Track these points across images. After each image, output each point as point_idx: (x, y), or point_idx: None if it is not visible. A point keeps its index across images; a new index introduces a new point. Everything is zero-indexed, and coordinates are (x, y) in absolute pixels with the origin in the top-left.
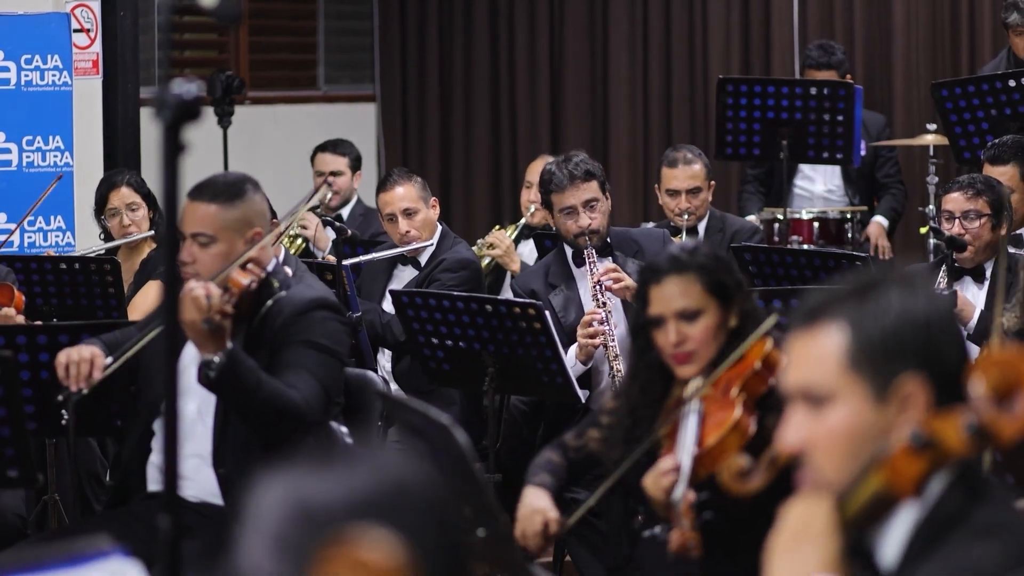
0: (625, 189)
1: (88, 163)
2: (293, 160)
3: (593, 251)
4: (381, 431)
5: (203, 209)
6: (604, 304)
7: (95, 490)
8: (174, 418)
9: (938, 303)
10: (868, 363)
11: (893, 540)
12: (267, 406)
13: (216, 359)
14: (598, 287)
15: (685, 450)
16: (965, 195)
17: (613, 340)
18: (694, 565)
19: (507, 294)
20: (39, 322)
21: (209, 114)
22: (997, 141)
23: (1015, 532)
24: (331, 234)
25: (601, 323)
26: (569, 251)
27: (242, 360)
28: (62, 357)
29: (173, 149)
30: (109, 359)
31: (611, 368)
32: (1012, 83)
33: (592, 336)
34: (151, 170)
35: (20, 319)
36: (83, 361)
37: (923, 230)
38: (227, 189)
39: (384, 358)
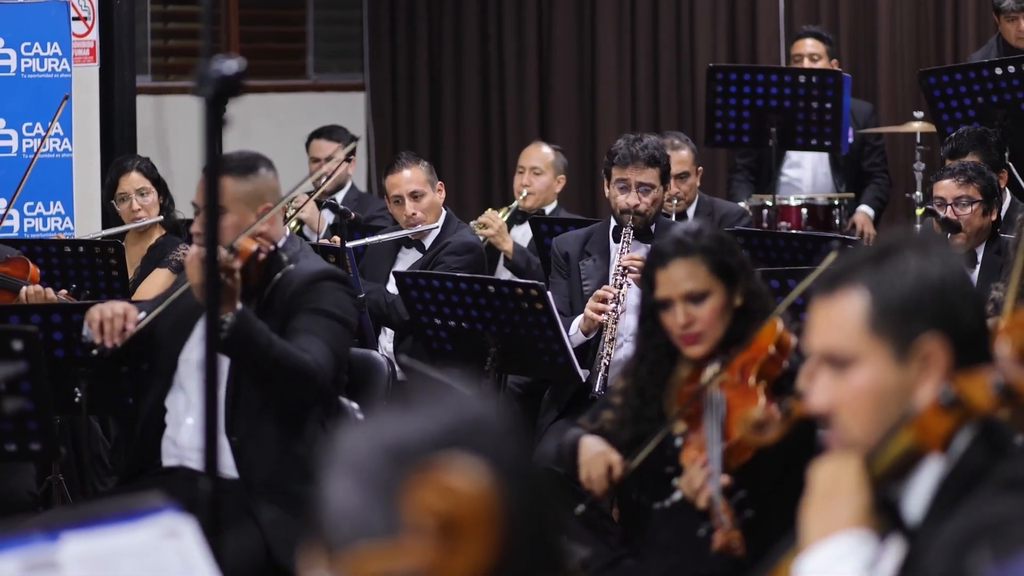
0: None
1: (86, 149)
2: (283, 149)
3: (631, 232)
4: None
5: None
6: (621, 287)
7: (97, 470)
8: (214, 386)
9: (953, 265)
10: (888, 325)
11: (918, 494)
12: (278, 366)
13: (227, 319)
14: (621, 269)
15: (714, 445)
16: (956, 182)
17: (615, 323)
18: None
19: (501, 274)
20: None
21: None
22: (954, 134)
23: None
24: (328, 217)
25: (611, 302)
26: (612, 225)
27: (252, 320)
28: (95, 313)
29: (215, 123)
30: (142, 314)
31: (604, 350)
32: (999, 71)
33: (598, 312)
34: (151, 156)
35: (50, 293)
36: (116, 316)
37: (919, 212)
38: (241, 164)
39: (386, 338)
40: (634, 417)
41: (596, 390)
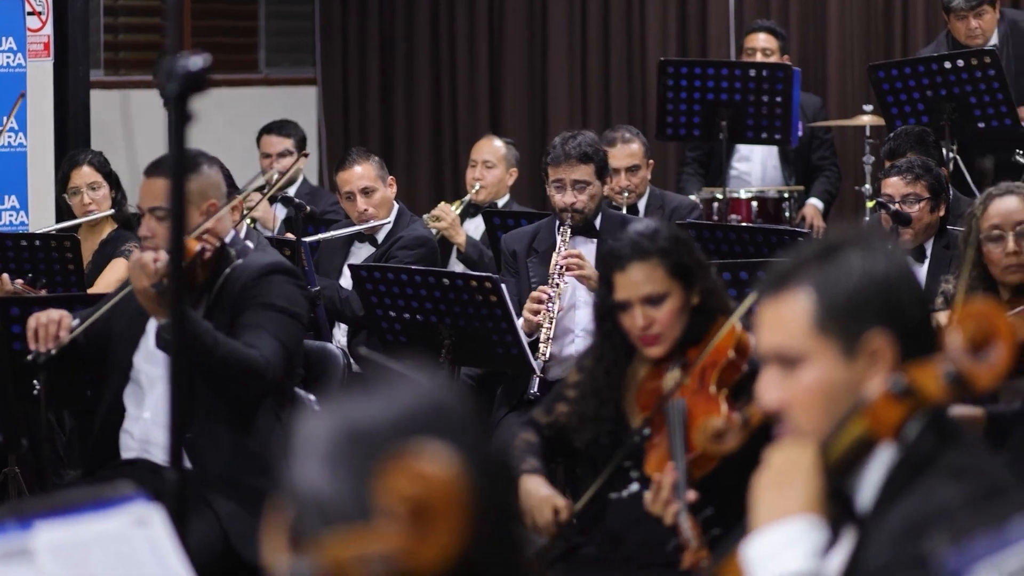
0: None
1: (41, 144)
2: (235, 142)
3: (568, 230)
4: None
5: (158, 184)
6: (557, 285)
7: (53, 463)
8: (182, 380)
9: (897, 261)
10: (835, 323)
11: (870, 483)
12: (226, 365)
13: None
14: (559, 268)
15: (678, 457)
16: (904, 179)
17: (550, 324)
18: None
19: (454, 266)
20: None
21: (157, 96)
22: (892, 135)
23: (981, 475)
24: (281, 213)
25: (546, 302)
26: (558, 222)
27: (197, 321)
28: (31, 321)
29: (181, 119)
30: (76, 321)
31: (540, 349)
32: (948, 65)
33: (534, 312)
34: (105, 150)
35: (6, 280)
36: (51, 322)
37: (870, 205)
38: None
39: (340, 332)
40: (593, 416)
41: (533, 390)
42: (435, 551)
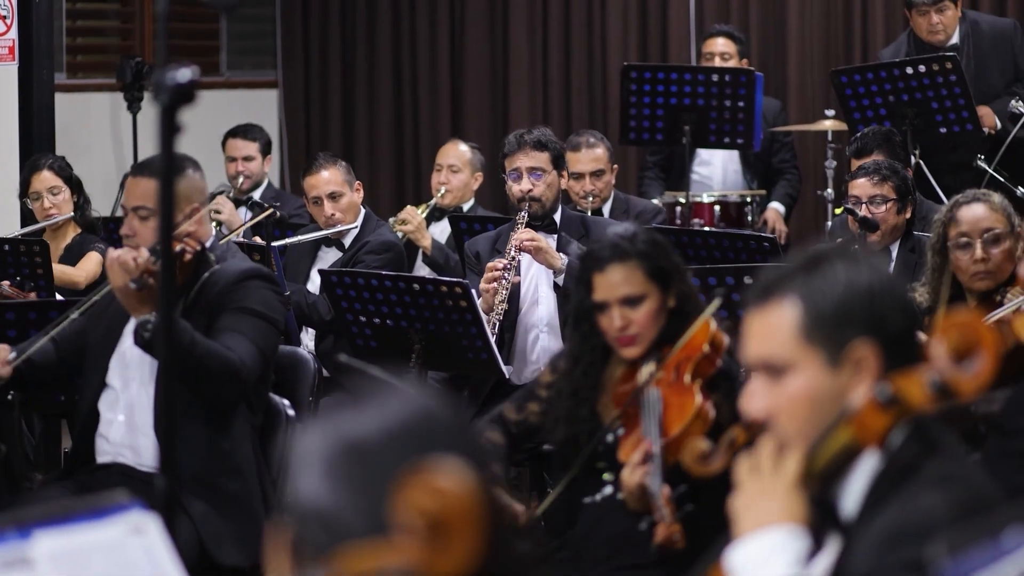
0: None
1: (5, 147)
2: (196, 145)
3: (525, 216)
4: (312, 406)
5: (144, 184)
6: (513, 259)
7: (23, 467)
8: (172, 384)
9: (881, 273)
10: (820, 333)
11: (854, 491)
12: (202, 364)
13: (150, 319)
14: (514, 250)
15: (653, 440)
16: (871, 181)
17: (506, 290)
18: (641, 531)
19: (419, 270)
20: None
21: (119, 100)
22: (859, 134)
23: (964, 483)
24: (246, 216)
25: (501, 270)
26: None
27: (176, 319)
28: None
29: (169, 130)
30: (12, 354)
31: (494, 310)
32: (910, 70)
33: (490, 281)
34: (68, 153)
35: None
36: None
37: (837, 211)
38: None
39: (307, 337)
40: (568, 417)
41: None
42: (453, 564)
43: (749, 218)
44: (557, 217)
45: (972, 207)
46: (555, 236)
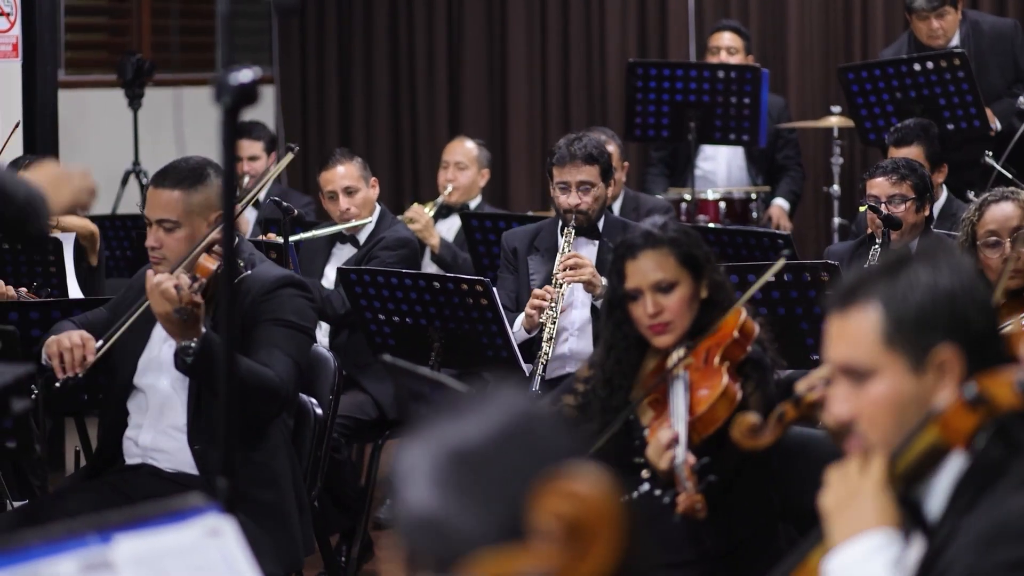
0: (523, 173)
1: (8, 145)
2: (195, 142)
3: (572, 232)
4: (332, 404)
5: (167, 195)
6: (560, 286)
7: (33, 469)
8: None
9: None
10: (903, 338)
11: (939, 491)
12: (243, 385)
13: (192, 345)
14: (560, 275)
15: (679, 419)
16: (890, 180)
17: (553, 323)
18: (678, 524)
19: (427, 268)
20: None
21: (120, 97)
22: (900, 125)
23: None
24: (251, 216)
25: (549, 302)
26: (560, 222)
27: (216, 343)
28: (53, 347)
29: (231, 132)
30: (100, 342)
31: (543, 349)
32: (916, 67)
33: (536, 309)
34: (69, 151)
35: (11, 291)
36: (75, 347)
37: (861, 209)
38: (190, 175)
39: (321, 332)
40: (601, 408)
41: (534, 388)
42: (592, 568)
43: (754, 214)
44: (600, 224)
45: (1001, 205)
46: (596, 243)
